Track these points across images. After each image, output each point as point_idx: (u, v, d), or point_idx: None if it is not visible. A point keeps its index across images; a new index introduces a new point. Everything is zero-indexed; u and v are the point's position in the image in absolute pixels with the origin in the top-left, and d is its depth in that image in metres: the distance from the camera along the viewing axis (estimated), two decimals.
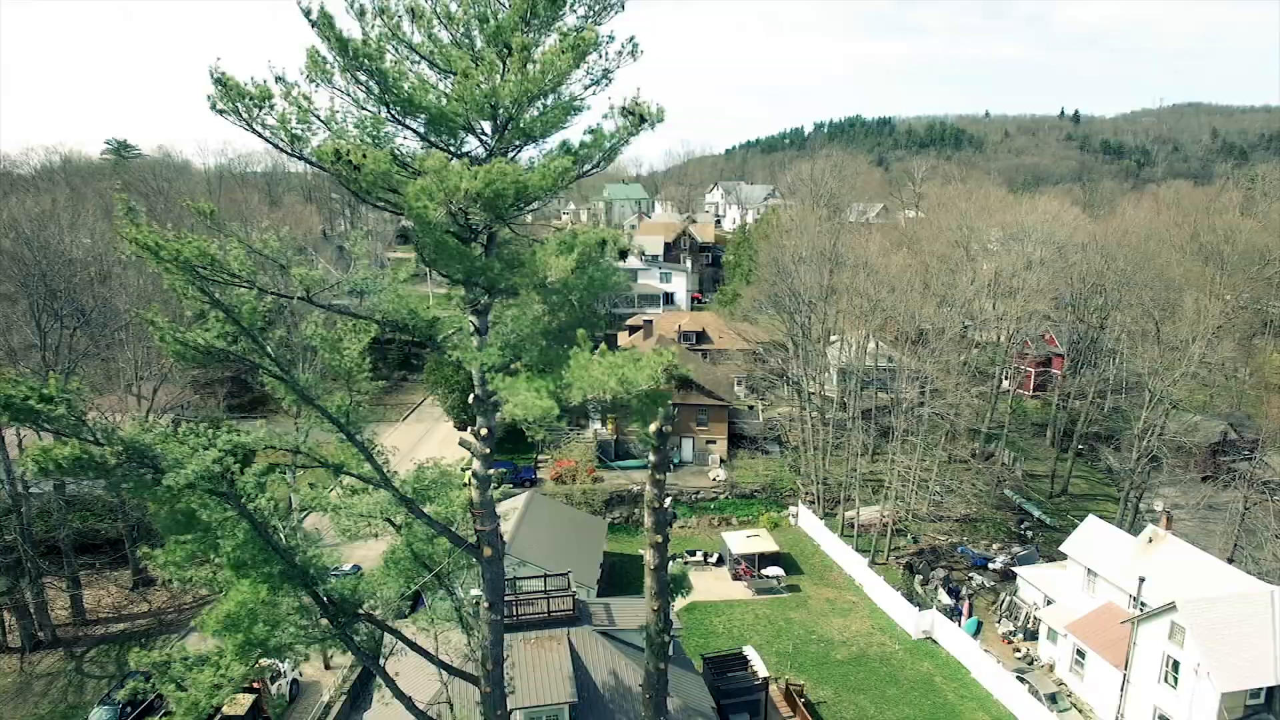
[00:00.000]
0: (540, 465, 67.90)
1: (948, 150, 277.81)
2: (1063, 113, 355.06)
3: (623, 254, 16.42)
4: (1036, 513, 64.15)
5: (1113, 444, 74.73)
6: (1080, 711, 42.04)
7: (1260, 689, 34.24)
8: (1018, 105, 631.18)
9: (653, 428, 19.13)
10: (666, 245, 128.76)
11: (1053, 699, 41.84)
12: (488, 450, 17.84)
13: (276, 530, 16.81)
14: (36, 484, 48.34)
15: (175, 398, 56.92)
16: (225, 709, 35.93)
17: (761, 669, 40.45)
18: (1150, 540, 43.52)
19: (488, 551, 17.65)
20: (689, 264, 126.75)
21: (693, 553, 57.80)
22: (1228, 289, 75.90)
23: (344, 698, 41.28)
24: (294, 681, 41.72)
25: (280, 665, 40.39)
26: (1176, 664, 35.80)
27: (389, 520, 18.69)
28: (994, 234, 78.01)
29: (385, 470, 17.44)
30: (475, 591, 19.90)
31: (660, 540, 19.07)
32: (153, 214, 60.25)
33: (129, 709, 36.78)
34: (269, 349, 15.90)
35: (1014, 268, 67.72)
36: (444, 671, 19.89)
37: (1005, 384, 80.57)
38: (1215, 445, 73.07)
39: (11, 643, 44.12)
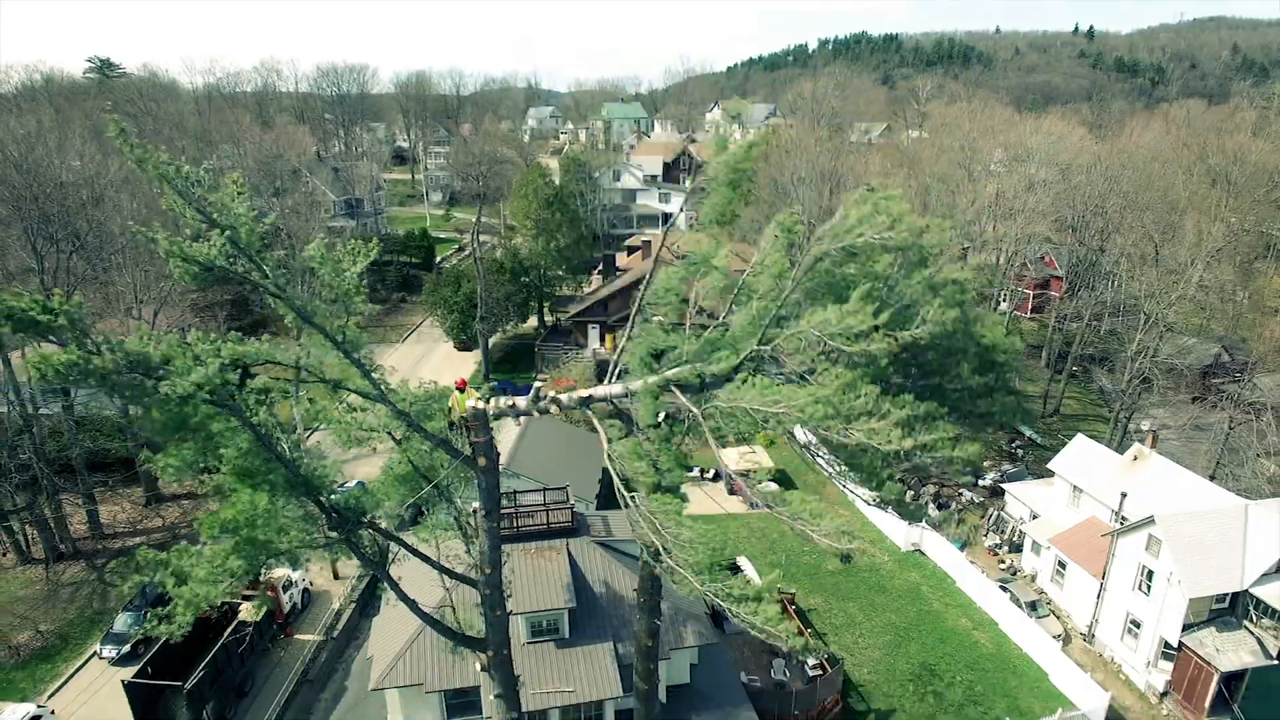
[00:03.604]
0: (540, 384, 68.70)
1: (956, 68, 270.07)
2: (1076, 29, 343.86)
3: None
4: (1028, 432, 65.37)
5: (1106, 366, 75.51)
6: (1058, 618, 43.96)
7: (1225, 594, 35.78)
8: (1030, 21, 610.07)
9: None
10: (666, 165, 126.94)
11: (1033, 606, 43.70)
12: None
13: (279, 441, 17.39)
14: (46, 405, 49.26)
15: (176, 321, 57.19)
16: (241, 616, 37.75)
17: (756, 579, 42.14)
18: (1135, 458, 44.61)
19: (482, 462, 18.34)
20: (688, 184, 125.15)
21: (690, 469, 59.07)
22: (1232, 212, 75.29)
23: (353, 605, 43.16)
24: (305, 590, 43.51)
25: (292, 575, 42.14)
26: (1151, 573, 37.29)
27: (389, 434, 19.30)
28: (997, 155, 76.87)
29: (383, 387, 17.95)
30: (475, 505, 20.69)
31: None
32: (142, 135, 59.29)
33: (161, 602, 38.45)
34: (267, 268, 16.16)
35: (1015, 189, 67.03)
36: (446, 577, 20.88)
37: (1003, 306, 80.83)
38: (1207, 367, 73.80)
39: (36, 555, 45.85)
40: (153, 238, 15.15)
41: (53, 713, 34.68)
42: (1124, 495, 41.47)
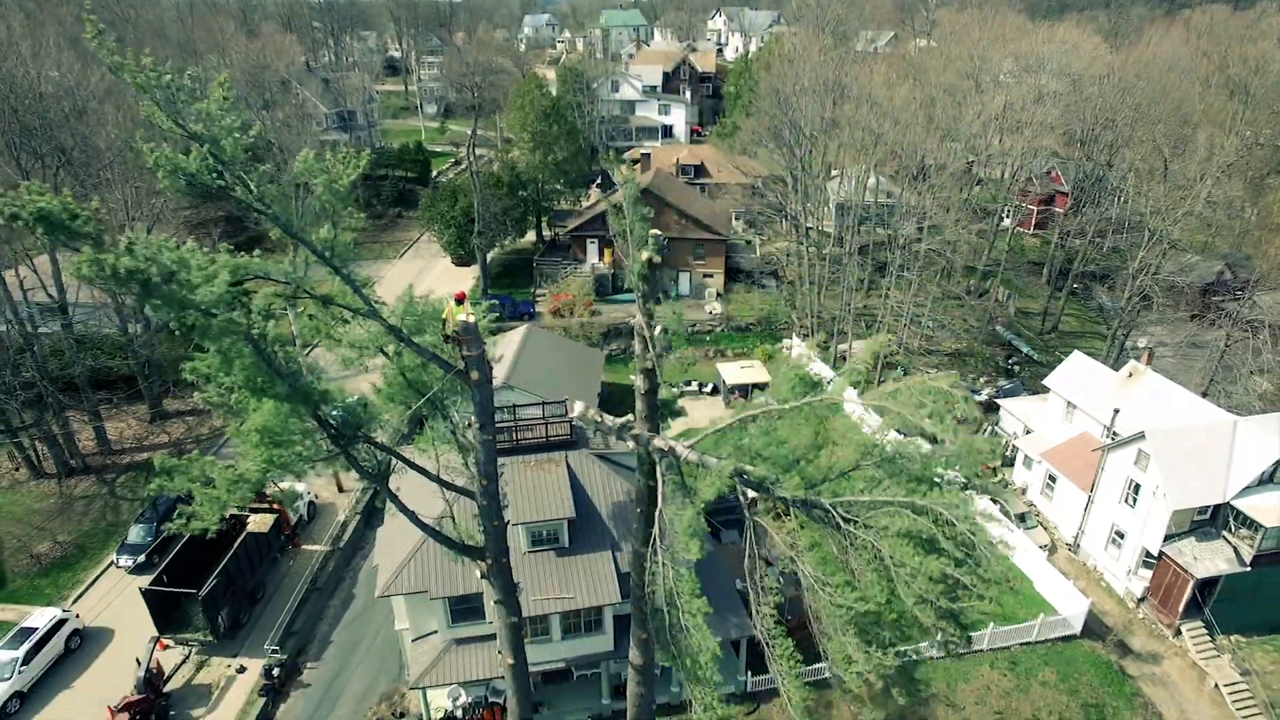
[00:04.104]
0: (538, 299, 68.66)
1: None
2: None
3: None
4: (1025, 349, 65.62)
5: (1107, 283, 75.18)
6: (1045, 529, 45.17)
7: (1208, 506, 36.67)
8: None
9: (643, 257, 19.40)
10: (665, 75, 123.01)
11: (1021, 518, 44.85)
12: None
13: (278, 356, 17.48)
14: (45, 324, 49.30)
15: (171, 238, 56.62)
16: (250, 528, 38.81)
17: (751, 489, 43.00)
18: (1130, 375, 44.92)
19: (475, 376, 18.46)
20: (688, 95, 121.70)
21: (688, 383, 59.76)
22: (1248, 125, 73.31)
23: (358, 517, 44.31)
24: (310, 503, 44.58)
25: (297, 488, 43.08)
26: (1138, 487, 38.10)
27: (381, 350, 19.36)
28: (1006, 65, 74.31)
29: (373, 302, 17.91)
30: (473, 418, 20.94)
31: (650, 367, 19.83)
32: (122, 45, 57.05)
33: (162, 527, 39.58)
34: (252, 183, 15.84)
35: (1024, 101, 65.08)
36: (444, 488, 21.33)
37: (1006, 221, 79.81)
38: (1208, 285, 73.48)
39: (48, 469, 46.76)
40: (140, 148, 14.84)
41: (77, 616, 36.14)
42: (1117, 411, 41.95)
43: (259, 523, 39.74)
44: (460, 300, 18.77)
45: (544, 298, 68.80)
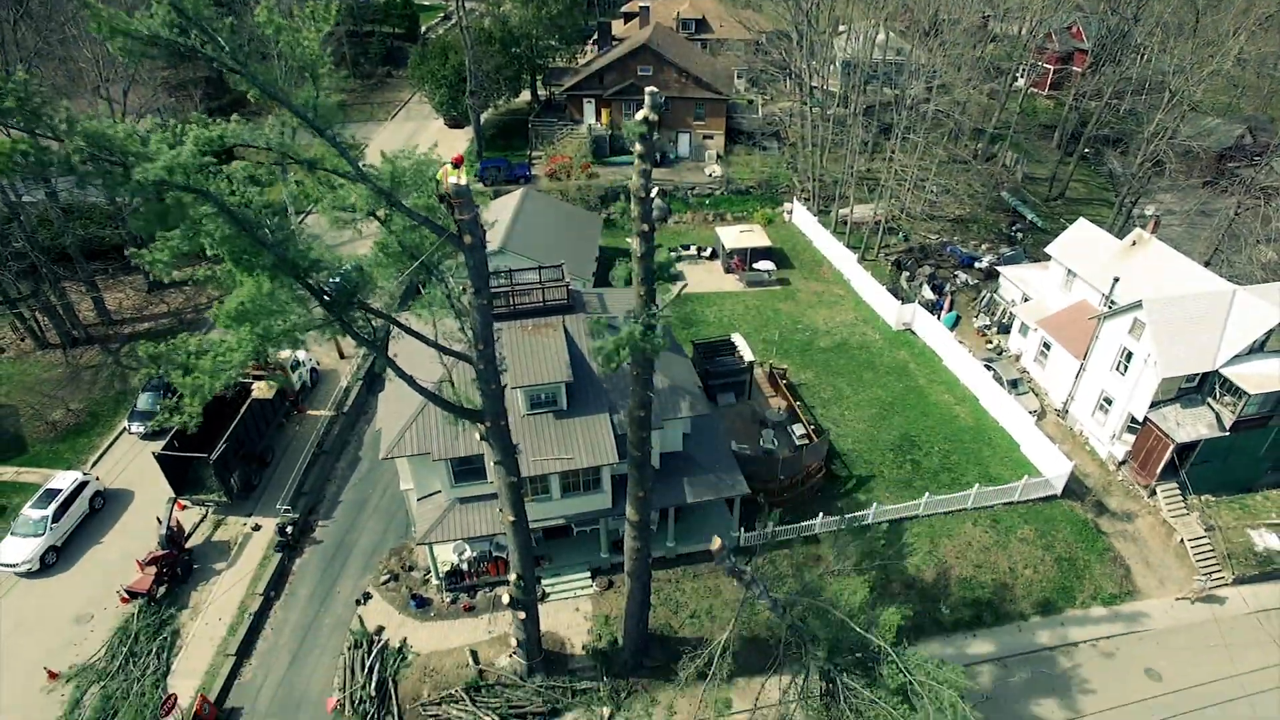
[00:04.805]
0: (534, 161, 66.83)
1: None
2: None
3: None
4: (1030, 215, 64.51)
5: (1119, 148, 72.92)
6: (1036, 395, 46.04)
7: (1196, 374, 37.19)
8: None
9: (639, 116, 18.64)
10: None
11: (1014, 384, 45.60)
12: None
13: (261, 225, 17.04)
14: (29, 193, 48.08)
15: (148, 101, 54.25)
16: (254, 394, 39.49)
17: (748, 354, 43.57)
18: (1134, 244, 44.35)
19: (468, 240, 18.15)
20: None
21: (687, 247, 59.21)
22: None
23: (360, 382, 44.99)
24: (313, 370, 45.16)
25: (299, 355, 43.54)
26: (1130, 355, 38.47)
27: (373, 214, 18.90)
28: None
29: (361, 165, 17.32)
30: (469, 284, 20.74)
31: (646, 229, 19.49)
32: None
33: (169, 393, 40.28)
34: (222, 39, 14.88)
35: None
36: (442, 354, 21.46)
37: (1019, 81, 76.40)
38: (1225, 150, 71.30)
39: (52, 340, 47.05)
40: (86, 3, 13.74)
41: (97, 479, 37.45)
42: (1116, 280, 41.73)
43: (263, 389, 40.45)
44: (458, 164, 18.17)
45: (540, 160, 66.89)
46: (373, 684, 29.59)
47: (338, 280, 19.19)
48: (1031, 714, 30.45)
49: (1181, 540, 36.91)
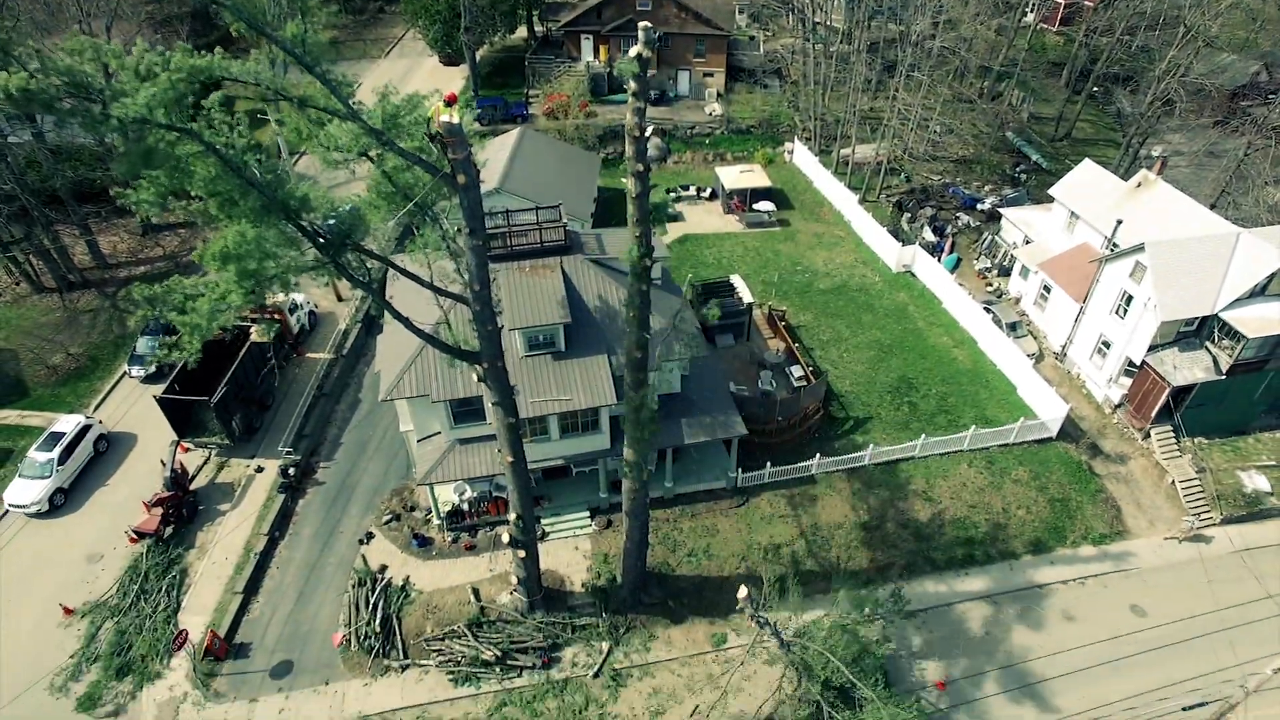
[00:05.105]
0: (531, 100, 65.50)
1: None
2: None
3: None
4: (1034, 156, 63.47)
5: (1129, 86, 71.30)
6: (1035, 338, 46.04)
7: (1195, 318, 37.10)
8: None
9: (633, 52, 18.19)
10: None
11: (1013, 327, 45.55)
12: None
13: (248, 165, 16.79)
14: (14, 133, 47.19)
15: (131, 37, 52.83)
16: (253, 337, 39.49)
17: (747, 295, 43.45)
18: (1139, 185, 43.74)
19: (462, 180, 17.90)
20: None
21: (686, 187, 58.49)
22: None
23: (358, 325, 44.98)
24: (311, 313, 45.09)
25: (296, 298, 43.42)
26: (1130, 298, 38.31)
27: (365, 154, 18.60)
28: None
29: (352, 103, 16.96)
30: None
31: (641, 169, 19.21)
32: None
33: (169, 334, 40.30)
34: None
35: None
36: (438, 295, 21.38)
37: (1029, 16, 74.30)
38: (1239, 88, 69.66)
39: (47, 284, 46.82)
40: None
41: (100, 422, 37.75)
42: (1119, 222, 41.30)
43: (260, 332, 40.41)
44: (451, 102, 17.78)
45: (537, 99, 65.51)
46: (377, 620, 30.35)
47: (331, 222, 19.02)
48: (1020, 647, 31.30)
49: (1173, 482, 37.37)
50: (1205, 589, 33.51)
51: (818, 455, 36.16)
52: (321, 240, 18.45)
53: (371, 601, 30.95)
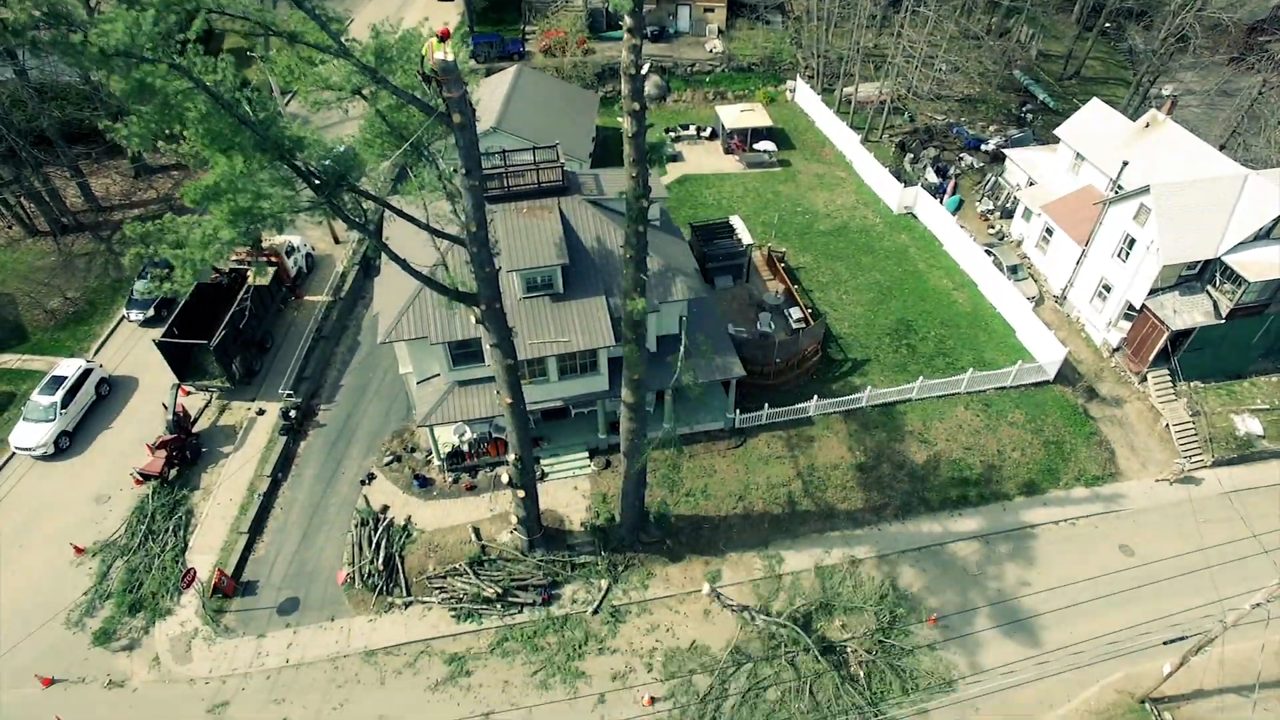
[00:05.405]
0: (528, 37, 63.89)
1: None
2: None
3: None
4: (1041, 95, 62.15)
5: (1142, 22, 69.42)
6: (1035, 281, 45.84)
7: (1197, 262, 36.86)
8: None
9: None
10: None
11: (1014, 270, 45.30)
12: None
13: (240, 102, 16.49)
14: None
15: None
16: (250, 280, 39.33)
17: (746, 237, 43.12)
18: (1147, 126, 42.97)
19: (457, 118, 17.57)
20: None
21: (686, 126, 57.51)
22: None
23: (356, 267, 44.74)
24: (308, 255, 44.78)
25: (293, 240, 43.10)
26: (1133, 241, 37.98)
27: (357, 92, 18.24)
28: None
29: (343, 39, 16.56)
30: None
31: (637, 108, 18.84)
32: None
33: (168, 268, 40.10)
34: None
35: None
36: (435, 237, 21.23)
37: None
38: (1258, 23, 67.78)
39: (41, 228, 46.37)
40: None
41: (101, 366, 37.86)
42: (1125, 164, 40.69)
43: (257, 274, 40.26)
44: (444, 38, 17.34)
45: (534, 35, 63.86)
46: (380, 559, 30.99)
47: (326, 163, 18.76)
48: (1010, 585, 32.02)
49: (1167, 425, 37.67)
50: (1193, 529, 34.10)
51: (815, 397, 36.37)
52: (316, 181, 18.23)
53: (374, 541, 31.55)
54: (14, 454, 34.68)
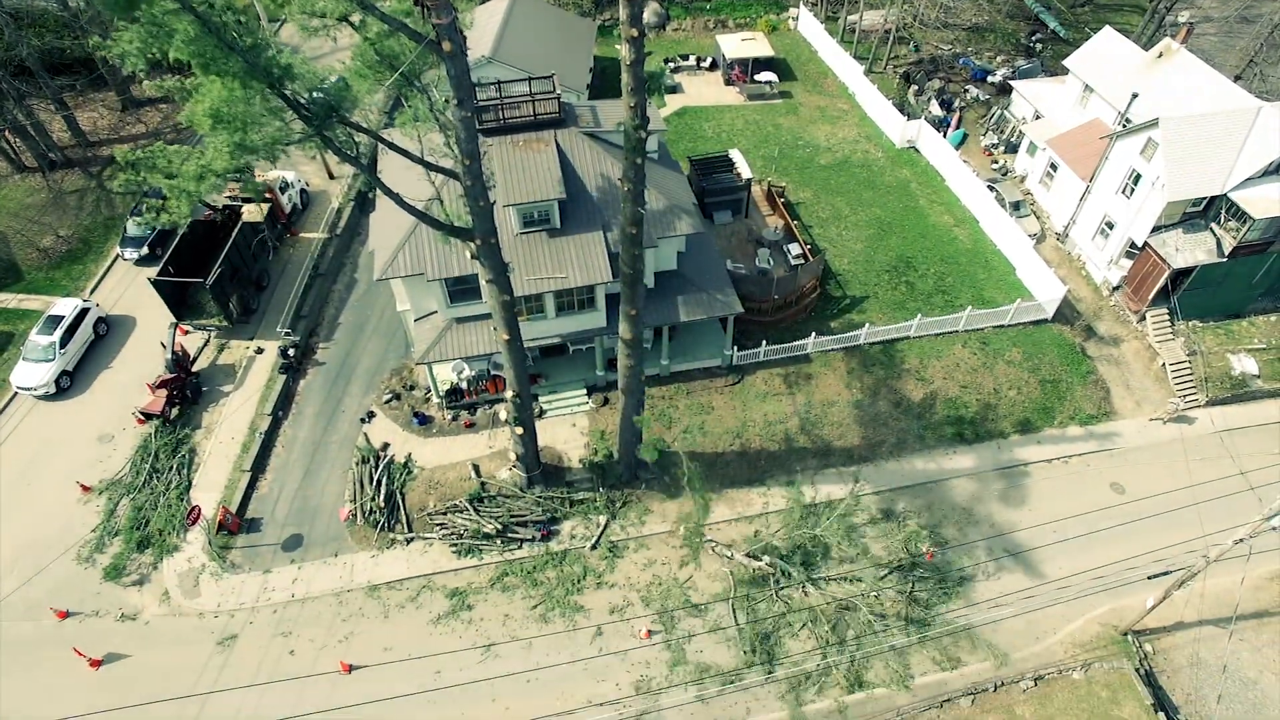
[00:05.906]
0: None
1: None
2: None
3: None
4: (1052, 24, 60.37)
5: None
6: (1038, 218, 45.31)
7: (1202, 198, 36.32)
8: None
9: None
10: None
11: (1016, 206, 44.71)
12: None
13: (227, 27, 15.98)
14: None
15: None
16: (245, 217, 38.82)
17: (746, 171, 42.46)
18: (1160, 55, 41.79)
19: (447, 47, 17.01)
20: None
21: (685, 57, 56.06)
22: None
23: (351, 204, 44.15)
24: (303, 191, 44.12)
25: (287, 176, 42.39)
26: (1139, 177, 37.37)
27: (345, 19, 17.66)
28: None
29: None
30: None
31: (636, 34, 18.23)
32: None
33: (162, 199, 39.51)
34: None
35: None
36: (429, 170, 20.83)
37: None
38: None
39: (28, 163, 45.47)
40: None
41: (98, 305, 37.65)
42: (1134, 96, 39.74)
43: (253, 212, 39.74)
44: None
45: None
46: (381, 496, 31.40)
47: (318, 95, 18.29)
48: (1003, 520, 32.55)
49: (1163, 364, 37.74)
50: (1183, 467, 34.48)
51: (813, 334, 36.34)
52: (306, 112, 17.80)
53: (375, 478, 31.92)
54: (16, 394, 34.80)
